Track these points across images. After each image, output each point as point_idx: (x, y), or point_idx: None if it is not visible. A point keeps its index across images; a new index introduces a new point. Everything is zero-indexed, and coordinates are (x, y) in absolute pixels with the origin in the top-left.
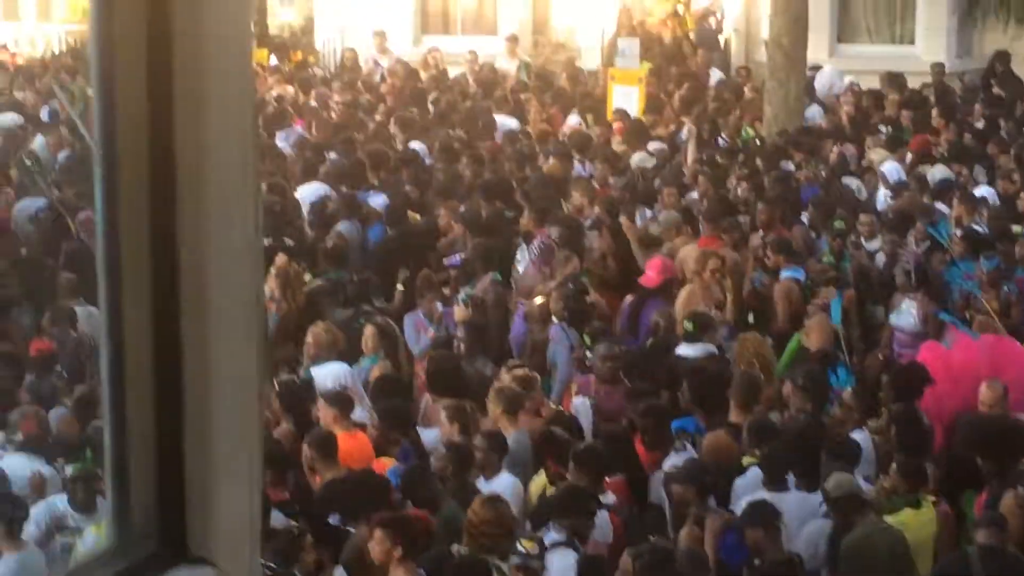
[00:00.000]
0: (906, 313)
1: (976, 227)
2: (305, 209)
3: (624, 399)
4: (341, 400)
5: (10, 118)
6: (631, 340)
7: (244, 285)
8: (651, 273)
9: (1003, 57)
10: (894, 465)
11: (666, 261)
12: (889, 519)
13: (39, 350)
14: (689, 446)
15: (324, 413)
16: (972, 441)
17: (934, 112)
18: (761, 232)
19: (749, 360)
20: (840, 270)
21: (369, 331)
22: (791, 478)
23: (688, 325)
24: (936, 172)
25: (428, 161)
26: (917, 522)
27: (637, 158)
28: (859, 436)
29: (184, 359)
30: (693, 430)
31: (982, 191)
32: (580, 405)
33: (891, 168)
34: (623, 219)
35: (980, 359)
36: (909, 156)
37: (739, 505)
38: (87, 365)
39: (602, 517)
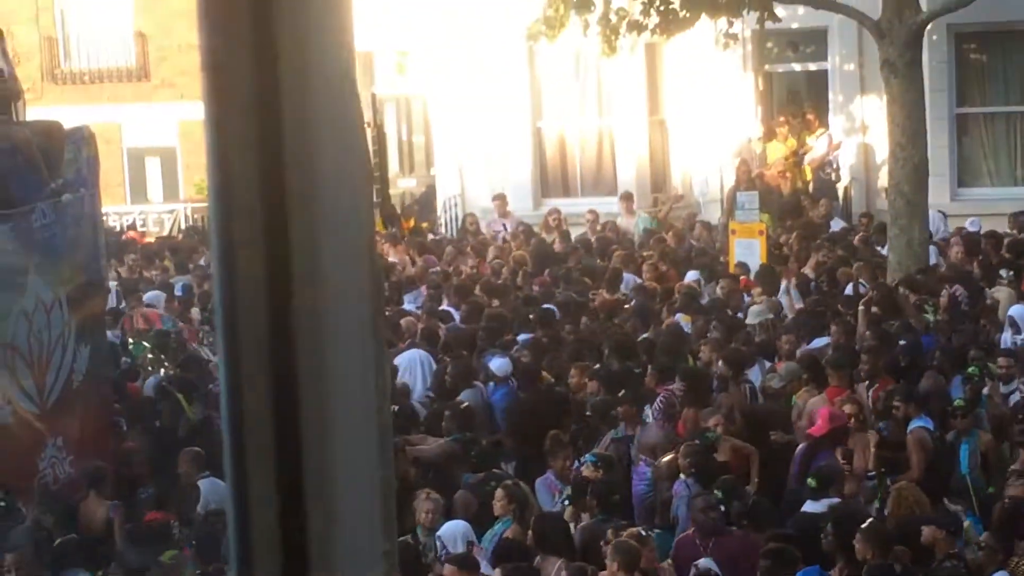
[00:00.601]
0: None
1: None
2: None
3: (743, 550)
4: (468, 562)
5: (154, 295)
6: (800, 489)
7: (367, 459)
8: (820, 422)
9: None
10: None
11: (834, 410)
12: None
13: (153, 520)
14: None
15: (453, 574)
16: None
17: None
18: (867, 382)
19: (910, 509)
20: (975, 415)
21: (500, 494)
22: None
23: (811, 482)
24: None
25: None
26: None
27: (755, 310)
28: None
29: (309, 531)
30: None
31: None
32: (704, 565)
33: (1020, 311)
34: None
35: None
36: None
37: None
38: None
39: None
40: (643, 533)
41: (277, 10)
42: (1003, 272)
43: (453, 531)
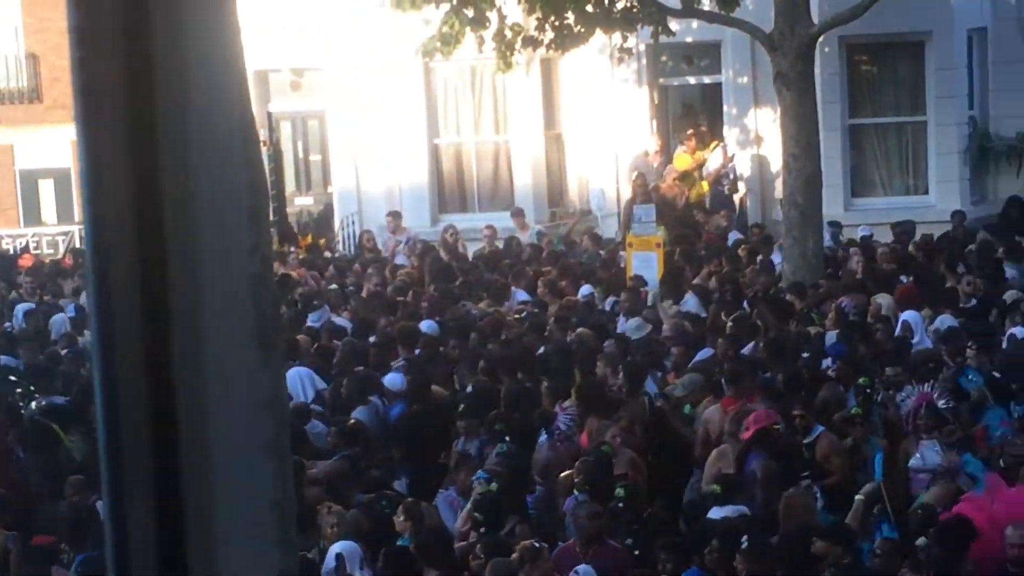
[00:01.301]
0: (930, 453)
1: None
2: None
3: (624, 559)
4: None
5: (60, 318)
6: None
7: (254, 478)
8: (749, 426)
9: (1015, 203)
10: None
11: (759, 414)
12: None
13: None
14: None
15: None
16: None
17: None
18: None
19: (799, 517)
20: (869, 423)
21: (400, 511)
22: None
23: (715, 488)
24: (945, 320)
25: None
26: None
27: (634, 325)
28: None
29: (188, 551)
30: None
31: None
32: (584, 571)
33: (914, 316)
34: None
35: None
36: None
37: None
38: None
39: None
40: (536, 545)
41: (153, 29)
42: (904, 279)
43: (352, 549)
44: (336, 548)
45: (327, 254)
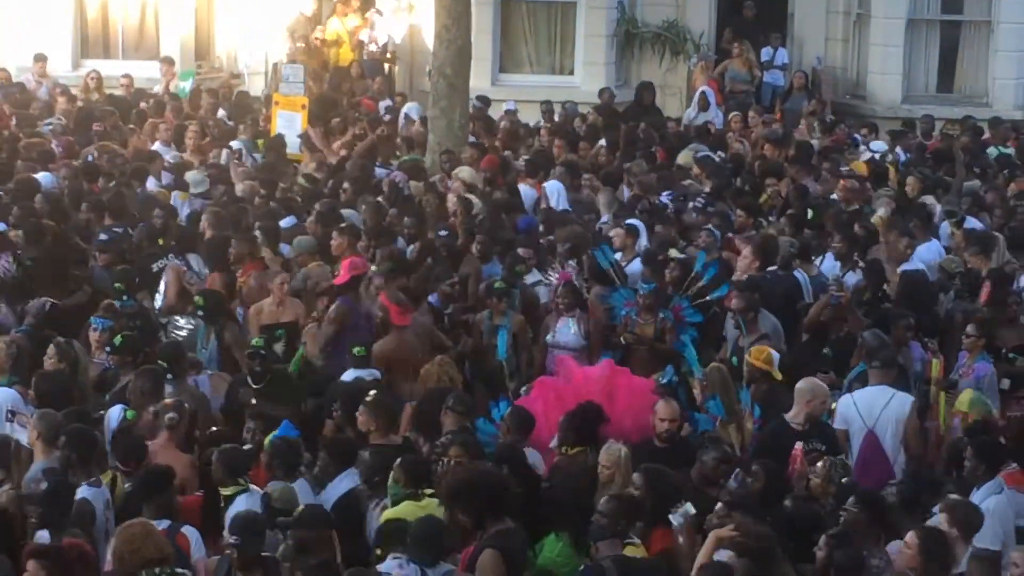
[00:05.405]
0: (564, 330)
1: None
2: None
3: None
4: None
5: None
6: None
7: None
8: (342, 272)
9: (648, 88)
10: None
11: (355, 260)
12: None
13: None
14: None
15: None
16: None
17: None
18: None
19: (443, 379)
20: (510, 297)
21: (51, 351)
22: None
23: (357, 351)
24: (553, 185)
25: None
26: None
27: (194, 178)
28: None
29: None
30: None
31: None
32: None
33: (554, 185)
34: None
35: (597, 389)
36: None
37: None
38: None
39: None
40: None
41: None
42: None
43: (15, 398)
44: None
45: None
